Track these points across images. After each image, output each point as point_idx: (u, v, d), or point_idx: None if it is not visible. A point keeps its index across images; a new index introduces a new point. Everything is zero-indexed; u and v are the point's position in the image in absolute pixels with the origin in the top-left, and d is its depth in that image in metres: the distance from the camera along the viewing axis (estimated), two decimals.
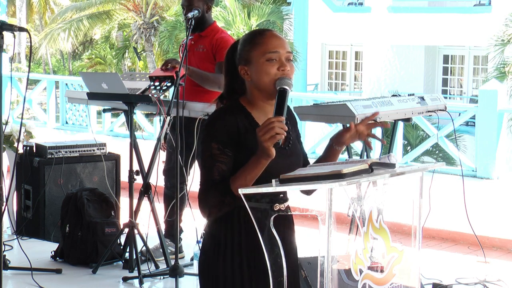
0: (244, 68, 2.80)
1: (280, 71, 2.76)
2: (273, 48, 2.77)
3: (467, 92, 20.08)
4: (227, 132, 2.72)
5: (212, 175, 2.70)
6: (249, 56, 2.78)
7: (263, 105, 2.81)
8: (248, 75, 2.79)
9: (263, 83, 2.76)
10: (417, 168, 2.85)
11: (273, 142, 2.58)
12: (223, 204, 2.68)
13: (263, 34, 2.83)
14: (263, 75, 2.75)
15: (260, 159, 2.63)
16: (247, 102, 2.82)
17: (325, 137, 11.24)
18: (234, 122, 2.73)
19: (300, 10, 20.21)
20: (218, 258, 2.77)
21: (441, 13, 18.94)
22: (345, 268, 2.58)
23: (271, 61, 2.76)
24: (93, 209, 5.98)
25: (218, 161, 2.70)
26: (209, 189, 2.70)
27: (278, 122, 2.58)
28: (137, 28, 25.07)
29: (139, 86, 5.89)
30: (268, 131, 2.57)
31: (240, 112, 2.78)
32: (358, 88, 21.39)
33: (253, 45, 2.79)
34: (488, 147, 9.46)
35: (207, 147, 2.72)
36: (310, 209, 2.64)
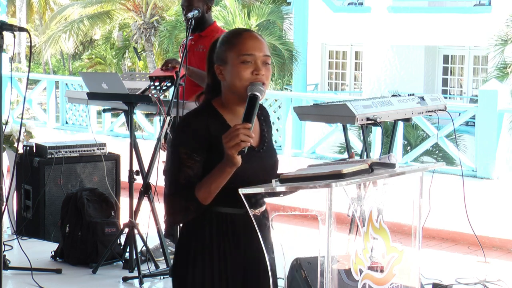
0: (219, 67, 2.70)
1: (253, 75, 2.64)
2: (248, 50, 2.66)
3: (467, 92, 20.08)
4: (197, 136, 2.63)
5: (178, 180, 2.63)
6: (225, 56, 2.68)
7: (235, 107, 2.71)
8: (222, 75, 2.70)
9: (235, 86, 2.66)
10: (417, 168, 2.85)
11: (237, 150, 2.49)
12: (188, 210, 2.61)
13: (241, 34, 2.72)
14: (236, 77, 2.65)
15: (225, 167, 2.55)
16: (220, 104, 2.72)
17: (325, 137, 11.26)
18: (204, 125, 2.64)
19: (300, 10, 20.21)
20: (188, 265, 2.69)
21: (441, 13, 18.94)
22: (345, 268, 2.58)
23: (246, 64, 2.65)
24: (93, 209, 5.98)
25: (185, 166, 2.62)
26: (174, 194, 2.63)
27: (244, 129, 2.49)
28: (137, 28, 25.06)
29: (139, 86, 5.89)
30: (233, 138, 2.49)
31: (212, 114, 2.68)
32: (358, 88, 21.39)
33: (229, 45, 2.69)
34: (488, 147, 9.46)
35: (175, 151, 2.66)
36: (310, 209, 2.64)
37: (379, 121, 4.90)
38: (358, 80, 21.57)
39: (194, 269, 2.68)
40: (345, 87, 21.72)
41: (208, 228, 2.68)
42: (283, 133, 11.14)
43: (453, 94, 20.42)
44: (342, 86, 21.77)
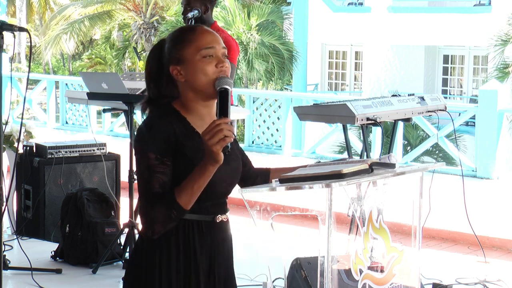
0: (176, 68, 2.57)
1: (218, 68, 2.55)
2: (208, 44, 2.56)
3: (467, 92, 20.08)
4: (164, 139, 2.49)
5: (153, 188, 2.47)
6: (182, 54, 2.56)
7: (198, 108, 2.59)
8: (181, 75, 2.56)
9: (200, 83, 2.54)
10: (417, 168, 2.85)
11: (222, 146, 2.39)
12: (170, 219, 2.47)
13: (194, 30, 2.61)
14: (199, 74, 2.54)
15: (206, 165, 2.43)
16: (180, 105, 2.58)
17: (325, 137, 11.26)
18: (170, 128, 2.51)
19: (300, 10, 20.21)
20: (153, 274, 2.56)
21: (441, 13, 18.94)
22: (345, 268, 2.58)
23: (208, 58, 2.55)
24: (93, 209, 5.98)
25: (157, 172, 2.47)
26: (152, 203, 2.47)
27: (225, 124, 2.40)
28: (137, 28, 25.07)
29: (139, 86, 5.90)
30: (216, 134, 2.38)
31: (174, 117, 2.55)
32: (358, 88, 21.39)
33: (185, 43, 2.57)
34: (488, 147, 9.47)
35: (144, 158, 2.49)
36: (310, 209, 2.64)
37: (379, 121, 4.90)
38: (358, 80, 21.57)
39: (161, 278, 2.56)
40: (345, 87, 21.72)
41: (174, 236, 2.55)
42: (283, 133, 11.14)
43: (453, 94, 20.42)
44: (342, 86, 21.77)
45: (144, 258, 2.59)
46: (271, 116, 11.56)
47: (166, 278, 2.56)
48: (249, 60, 18.52)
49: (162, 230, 2.50)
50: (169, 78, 2.61)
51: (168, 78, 2.61)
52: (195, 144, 2.53)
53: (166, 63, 2.60)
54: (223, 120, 2.41)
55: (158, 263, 2.56)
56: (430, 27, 18.61)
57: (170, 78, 2.60)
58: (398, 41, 19.70)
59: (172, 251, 2.56)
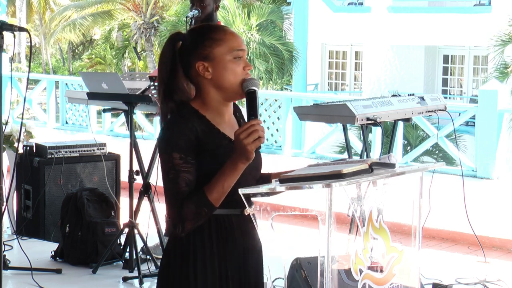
0: (203, 64, 2.60)
1: (245, 70, 2.62)
2: (239, 46, 2.62)
3: (467, 92, 20.08)
4: (187, 139, 2.55)
5: (179, 187, 2.53)
6: (211, 52, 2.60)
7: (218, 105, 2.64)
8: (208, 72, 2.60)
9: (229, 82, 2.60)
10: (417, 168, 2.85)
11: (256, 146, 2.48)
12: (200, 216, 2.53)
13: (224, 30, 2.66)
14: (229, 73, 2.60)
15: (237, 163, 2.51)
16: (199, 104, 2.63)
17: (325, 137, 11.26)
18: (192, 127, 2.57)
19: (300, 10, 20.21)
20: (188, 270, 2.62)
21: (441, 13, 18.94)
22: (345, 268, 2.58)
23: (237, 59, 2.61)
24: (93, 209, 5.98)
25: (182, 171, 2.53)
26: (181, 202, 2.53)
27: (259, 125, 2.49)
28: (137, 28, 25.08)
29: (139, 86, 5.90)
30: (251, 134, 2.47)
31: (195, 116, 2.60)
32: (358, 88, 21.39)
33: (215, 41, 2.61)
34: (488, 147, 9.47)
35: (168, 158, 2.55)
36: (310, 209, 2.64)
37: (379, 121, 4.90)
38: (358, 80, 21.57)
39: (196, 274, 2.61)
40: (345, 87, 21.72)
41: (207, 230, 2.61)
42: (283, 133, 11.14)
43: (453, 94, 20.42)
44: (342, 86, 21.77)
45: (179, 256, 2.63)
46: (271, 116, 11.56)
47: (201, 274, 2.61)
48: (250, 60, 18.52)
49: (191, 228, 2.56)
50: (185, 73, 2.64)
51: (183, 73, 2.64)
52: (215, 140, 2.60)
53: (186, 58, 2.63)
54: (257, 121, 2.50)
55: (192, 259, 2.61)
56: (430, 27, 18.61)
57: (188, 73, 2.64)
58: (398, 41, 19.70)
59: (206, 246, 2.61)
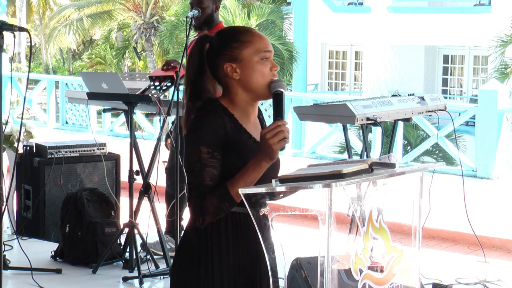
0: (231, 65, 2.67)
1: (272, 71, 2.69)
2: (266, 47, 2.69)
3: (467, 92, 20.08)
4: (216, 134, 2.61)
5: (203, 181, 2.58)
6: (239, 54, 2.66)
7: (245, 106, 2.71)
8: (236, 73, 2.67)
9: (257, 83, 2.67)
10: (417, 168, 2.85)
11: (281, 146, 2.55)
12: (221, 210, 2.59)
13: (251, 32, 2.72)
14: (257, 74, 2.67)
15: (261, 161, 2.57)
16: (227, 102, 2.70)
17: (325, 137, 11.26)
18: (222, 123, 2.62)
19: (300, 10, 20.21)
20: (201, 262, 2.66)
21: (441, 13, 18.94)
22: (345, 268, 2.58)
23: (264, 61, 2.68)
24: (93, 209, 5.98)
25: (208, 166, 2.59)
26: (203, 195, 2.58)
27: (285, 126, 2.55)
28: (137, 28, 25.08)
29: (139, 86, 5.90)
30: (277, 134, 2.54)
31: (224, 113, 2.66)
32: (358, 88, 21.39)
33: (243, 43, 2.67)
34: (488, 147, 9.46)
35: (195, 151, 2.60)
36: (310, 209, 2.64)
37: (379, 121, 4.90)
38: (358, 80, 21.57)
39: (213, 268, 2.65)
40: (345, 87, 21.72)
41: (223, 226, 2.66)
42: None
43: (453, 94, 20.42)
44: (342, 86, 21.77)
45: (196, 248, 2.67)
46: (271, 116, 11.54)
47: (218, 267, 2.65)
48: None
49: (211, 221, 2.61)
50: (212, 74, 2.71)
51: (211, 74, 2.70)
52: (243, 139, 2.67)
53: (213, 59, 2.69)
54: (283, 122, 2.57)
55: (210, 253, 2.65)
56: (430, 27, 18.61)
57: (215, 74, 2.71)
58: (398, 41, 19.70)
59: (222, 241, 2.66)
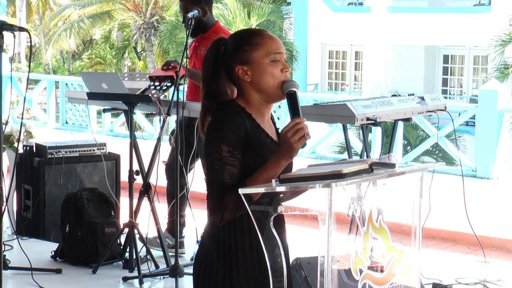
0: (243, 68, 2.72)
1: (283, 72, 2.73)
2: (277, 49, 2.73)
3: (467, 92, 20.08)
4: (236, 133, 2.65)
5: (223, 179, 2.62)
6: (250, 56, 2.71)
7: (260, 107, 2.75)
8: (248, 76, 2.71)
9: (268, 85, 2.71)
10: (417, 168, 2.85)
11: (302, 143, 2.58)
12: (239, 208, 2.60)
13: (262, 34, 2.77)
14: (268, 76, 2.71)
15: (280, 160, 2.61)
16: (244, 103, 2.74)
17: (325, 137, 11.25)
18: (242, 123, 2.67)
19: (300, 10, 20.21)
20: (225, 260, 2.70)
21: (441, 13, 18.94)
22: (345, 268, 2.58)
23: (275, 62, 2.72)
24: (93, 209, 5.98)
25: (228, 164, 2.63)
26: (223, 193, 2.62)
27: (303, 123, 2.59)
28: (137, 28, 25.08)
29: (139, 86, 5.90)
30: (298, 132, 2.57)
31: (243, 113, 2.71)
32: (358, 88, 21.39)
33: (254, 45, 2.72)
34: (488, 147, 9.46)
35: (216, 150, 2.64)
36: (310, 209, 2.63)
37: (379, 121, 4.90)
38: (358, 80, 21.57)
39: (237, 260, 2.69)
40: (345, 87, 21.72)
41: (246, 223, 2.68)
42: None
43: (453, 94, 20.42)
44: (342, 86, 21.77)
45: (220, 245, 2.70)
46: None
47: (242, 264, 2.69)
48: None
49: (230, 218, 2.64)
50: (227, 76, 2.76)
51: (226, 76, 2.76)
52: (261, 138, 2.71)
53: (227, 61, 2.74)
54: (301, 120, 2.60)
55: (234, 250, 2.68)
56: (430, 27, 18.61)
57: (230, 76, 2.76)
58: (398, 41, 19.69)
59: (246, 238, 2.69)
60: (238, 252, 2.69)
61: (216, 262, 2.72)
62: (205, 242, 2.78)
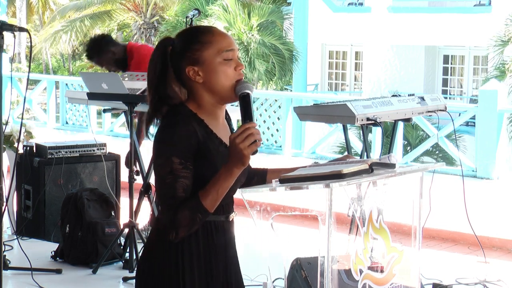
0: (193, 68, 2.54)
1: (237, 71, 2.55)
2: (228, 46, 2.55)
3: (467, 92, 20.08)
4: (187, 144, 2.47)
5: (176, 193, 2.46)
6: (200, 55, 2.53)
7: (213, 109, 2.58)
8: (200, 76, 2.54)
9: (220, 85, 2.54)
10: (417, 168, 2.85)
11: (253, 150, 2.40)
12: (194, 222, 2.46)
13: (211, 31, 2.58)
14: (220, 76, 2.53)
15: (232, 169, 2.43)
16: (195, 107, 2.56)
17: (325, 137, 11.26)
18: (193, 131, 2.49)
19: (300, 10, 20.21)
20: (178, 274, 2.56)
21: (441, 13, 18.94)
22: (345, 268, 2.58)
23: (228, 61, 2.54)
24: (93, 209, 5.98)
25: (180, 177, 2.46)
26: (176, 208, 2.45)
27: (254, 128, 2.41)
28: (137, 28, 25.07)
29: (139, 86, 5.90)
30: (247, 138, 2.39)
31: (194, 119, 2.52)
32: (358, 88, 21.39)
33: (204, 44, 2.54)
34: (488, 147, 9.47)
35: (167, 162, 2.46)
36: (310, 209, 2.64)
37: (379, 121, 4.90)
38: (358, 80, 21.56)
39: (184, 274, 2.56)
40: (345, 87, 21.72)
41: (194, 237, 2.55)
42: (283, 133, 11.13)
43: (453, 94, 20.42)
44: (342, 86, 21.77)
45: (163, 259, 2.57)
46: (271, 116, 11.55)
47: (189, 277, 2.56)
48: (250, 60, 18.52)
49: (186, 234, 2.50)
50: (176, 77, 2.57)
51: (175, 77, 2.57)
52: (214, 145, 2.54)
53: (176, 62, 2.57)
54: (252, 124, 2.42)
55: (181, 263, 2.55)
56: (430, 27, 18.60)
57: (179, 77, 2.57)
58: (398, 41, 19.69)
59: (194, 251, 2.56)
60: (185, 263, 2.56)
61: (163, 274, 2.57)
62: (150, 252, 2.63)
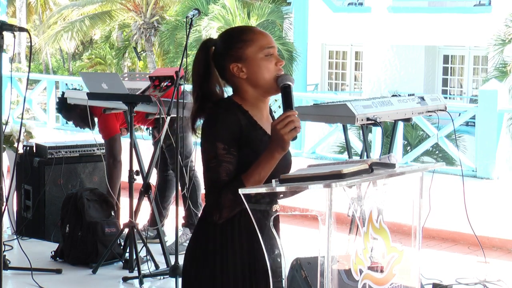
0: (237, 65, 2.74)
1: (278, 66, 2.76)
2: (269, 44, 2.76)
3: (467, 92, 20.08)
4: (231, 130, 2.66)
5: (220, 176, 2.63)
6: (243, 53, 2.73)
7: (256, 102, 2.78)
8: (243, 73, 2.74)
9: (263, 79, 2.74)
10: (417, 168, 2.84)
11: (293, 136, 2.58)
12: (236, 204, 2.60)
13: (253, 30, 2.80)
14: (263, 71, 2.73)
15: (274, 153, 2.61)
16: (240, 100, 2.76)
17: (325, 137, 11.26)
18: (236, 120, 2.69)
19: (300, 10, 20.20)
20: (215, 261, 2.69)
21: (441, 13, 18.93)
22: (345, 268, 2.57)
23: (269, 57, 2.75)
24: (93, 209, 5.98)
25: (224, 161, 2.64)
26: (220, 190, 2.63)
27: (294, 116, 2.60)
28: (137, 28, 25.07)
29: (139, 86, 5.90)
30: (288, 124, 2.58)
31: (238, 110, 2.73)
32: (358, 88, 21.39)
33: (245, 42, 2.74)
34: (488, 147, 9.46)
35: (212, 147, 2.65)
36: (310, 209, 2.63)
37: (379, 121, 4.90)
38: (358, 80, 21.56)
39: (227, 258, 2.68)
40: (345, 87, 21.72)
41: (237, 221, 2.69)
42: None
43: (453, 94, 20.42)
44: (342, 86, 21.77)
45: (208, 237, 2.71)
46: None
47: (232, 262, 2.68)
48: None
49: (228, 215, 2.65)
50: (220, 75, 2.78)
51: (218, 76, 2.77)
52: (258, 135, 2.72)
53: (219, 61, 2.76)
54: (292, 112, 2.62)
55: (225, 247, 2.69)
56: (430, 27, 18.60)
57: (223, 75, 2.78)
58: (398, 41, 19.69)
59: (236, 236, 2.69)
60: (229, 249, 2.69)
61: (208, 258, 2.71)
62: (197, 237, 2.77)
